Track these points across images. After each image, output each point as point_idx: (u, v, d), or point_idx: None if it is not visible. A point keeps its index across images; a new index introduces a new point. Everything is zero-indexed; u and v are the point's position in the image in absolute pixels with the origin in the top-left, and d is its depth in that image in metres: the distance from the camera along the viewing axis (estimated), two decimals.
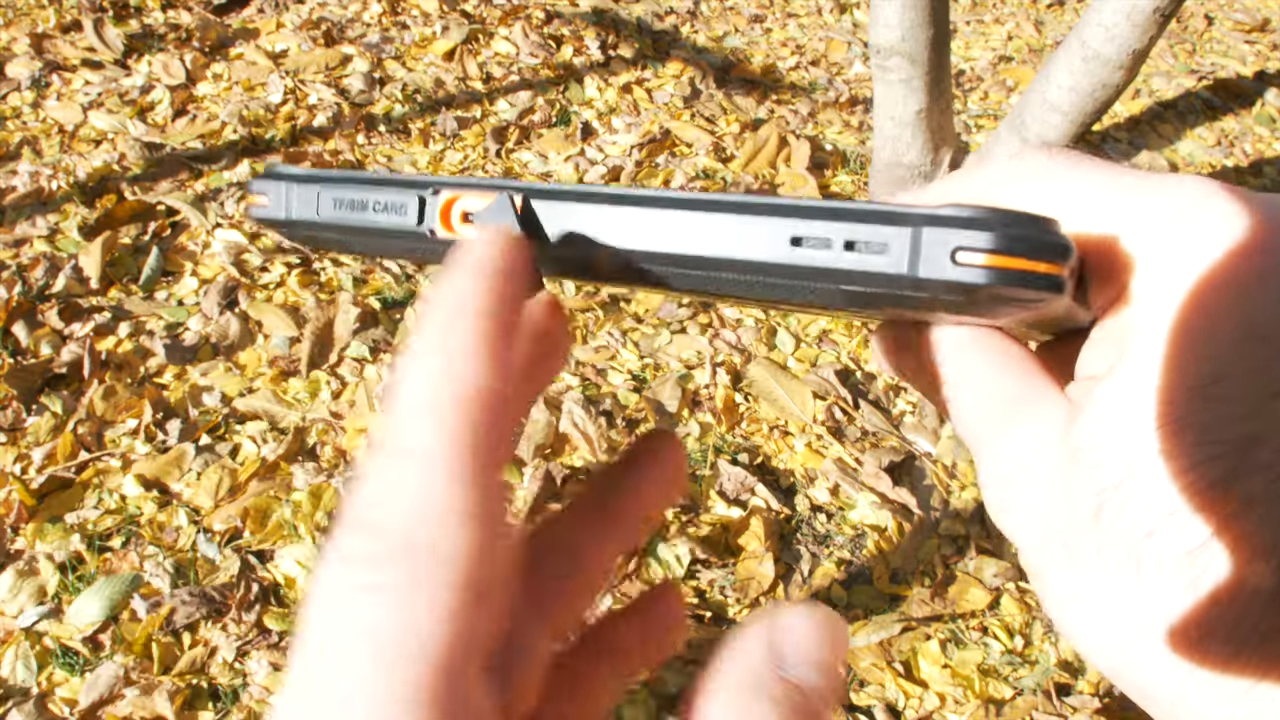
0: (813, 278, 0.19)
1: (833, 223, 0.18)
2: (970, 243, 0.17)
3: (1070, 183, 0.20)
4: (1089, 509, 0.18)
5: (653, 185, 0.34)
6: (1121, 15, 1.73)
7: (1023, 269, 0.17)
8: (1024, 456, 0.20)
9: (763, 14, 2.97)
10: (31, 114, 2.06)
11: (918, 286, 0.18)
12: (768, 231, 0.19)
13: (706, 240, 0.20)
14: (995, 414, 0.21)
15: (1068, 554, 0.19)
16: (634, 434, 1.57)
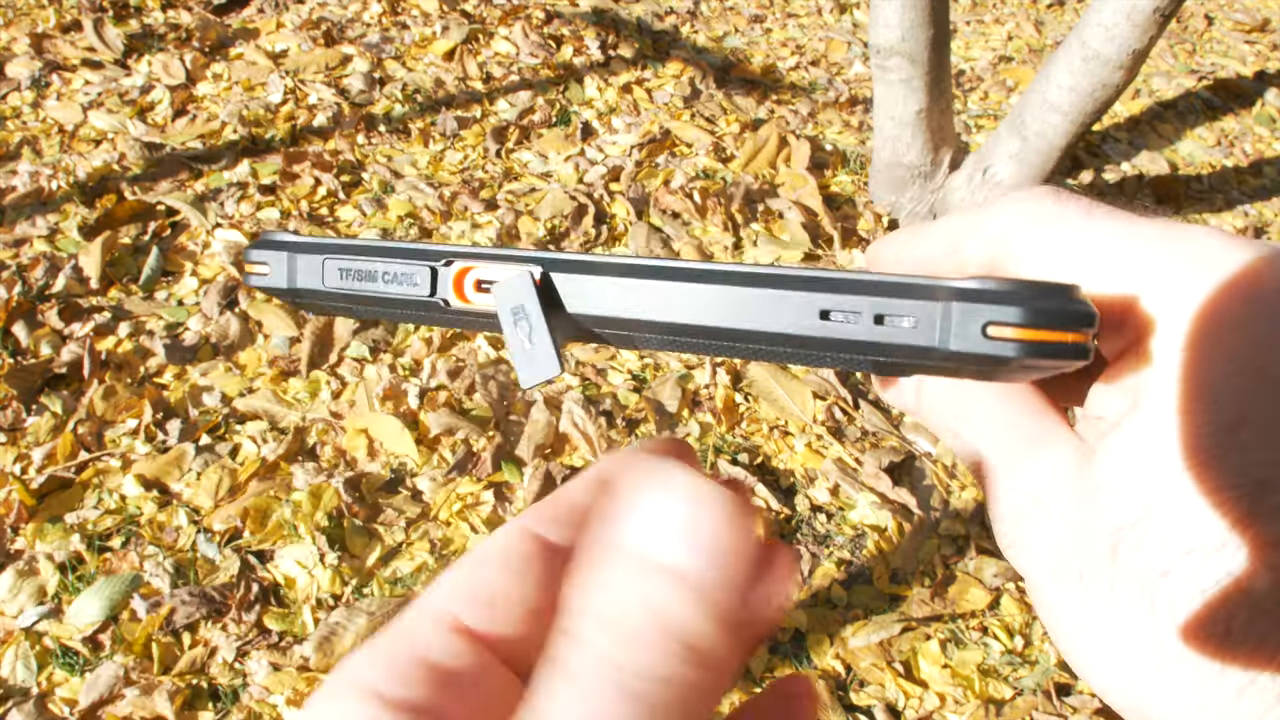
0: (841, 349, 0.19)
1: (862, 296, 0.19)
2: (1001, 317, 0.18)
3: (1083, 232, 0.20)
4: (1105, 546, 0.19)
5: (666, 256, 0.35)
6: (1121, 15, 1.73)
7: (1052, 340, 0.18)
8: (1038, 492, 0.21)
9: (763, 14, 2.97)
10: (31, 114, 2.06)
11: (948, 359, 0.18)
12: (796, 305, 0.19)
13: (734, 313, 0.20)
14: (1006, 449, 0.22)
15: (1081, 588, 0.19)
16: (633, 434, 1.57)
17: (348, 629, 1.26)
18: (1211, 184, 2.47)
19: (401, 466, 1.48)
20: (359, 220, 1.93)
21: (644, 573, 0.15)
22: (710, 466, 1.53)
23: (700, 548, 0.15)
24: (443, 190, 2.02)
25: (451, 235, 1.91)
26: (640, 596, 0.15)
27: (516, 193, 2.05)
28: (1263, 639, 0.17)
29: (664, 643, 0.15)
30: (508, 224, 1.94)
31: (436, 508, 1.43)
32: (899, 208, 2.11)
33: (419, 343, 1.67)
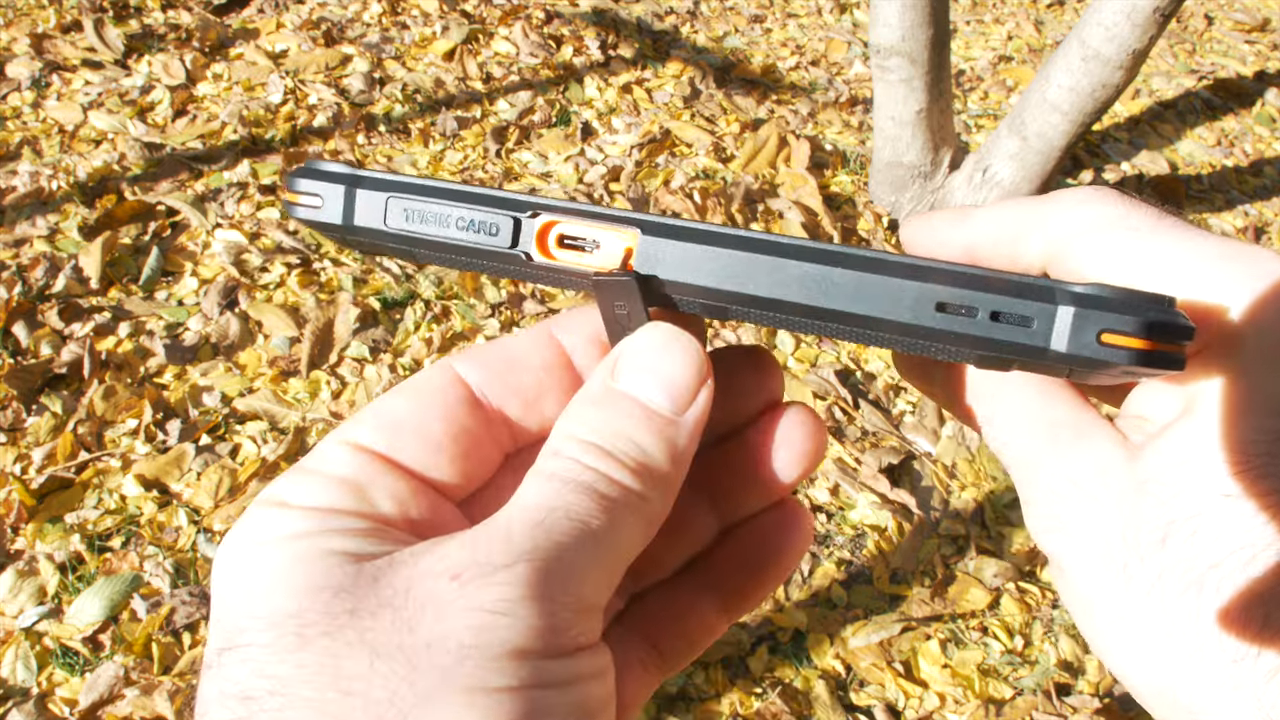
0: (953, 341, 0.20)
1: (981, 293, 0.19)
2: (1116, 325, 0.18)
3: (1152, 242, 0.21)
4: (1155, 537, 0.20)
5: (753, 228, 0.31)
6: (1121, 15, 1.73)
7: (1157, 350, 0.18)
8: (1081, 480, 0.21)
9: (763, 14, 2.97)
10: (31, 114, 2.06)
11: (1058, 359, 0.19)
12: (915, 296, 0.19)
13: (850, 297, 0.20)
14: (1044, 437, 0.22)
15: (1126, 576, 0.20)
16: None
17: None
18: (1211, 184, 2.47)
19: None
20: None
21: (618, 403, 0.20)
22: None
23: (666, 391, 0.20)
24: None
25: None
26: (613, 423, 0.20)
27: None
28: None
29: (625, 459, 0.20)
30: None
31: None
32: (899, 208, 2.11)
33: (419, 343, 1.67)
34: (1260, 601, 0.18)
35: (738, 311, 0.21)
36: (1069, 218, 0.22)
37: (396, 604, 0.18)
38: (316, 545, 0.19)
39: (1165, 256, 0.21)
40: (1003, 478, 1.59)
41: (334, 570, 0.18)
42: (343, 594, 0.18)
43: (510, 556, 0.18)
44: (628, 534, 0.19)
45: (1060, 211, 0.22)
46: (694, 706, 1.25)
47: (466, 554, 0.18)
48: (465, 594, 0.18)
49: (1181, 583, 0.19)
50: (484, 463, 0.23)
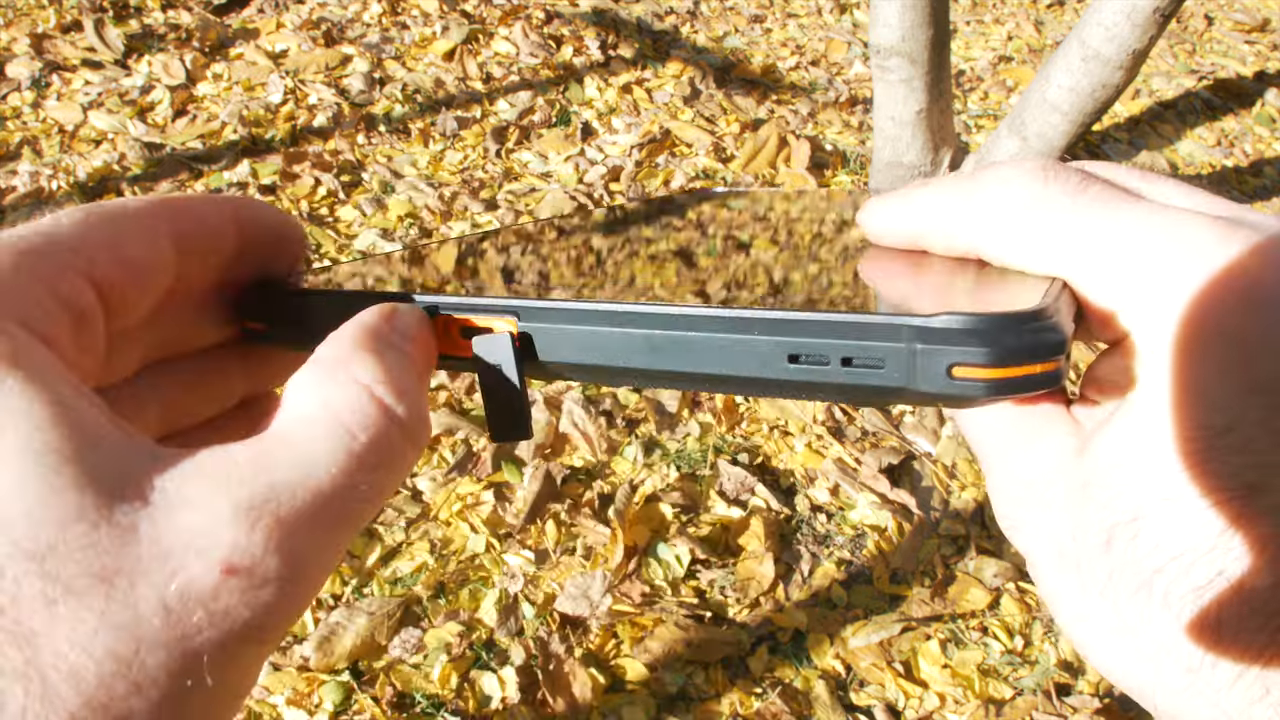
0: (813, 390, 0.19)
1: (828, 340, 0.18)
2: (964, 358, 0.17)
3: (1070, 219, 0.20)
4: (1099, 540, 0.19)
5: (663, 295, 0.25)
6: (1121, 15, 1.73)
7: (1019, 375, 0.17)
8: (1034, 478, 0.21)
9: (763, 14, 2.97)
10: (31, 114, 2.06)
11: (921, 398, 0.18)
12: (765, 350, 0.19)
13: (702, 359, 0.20)
14: (1003, 432, 0.22)
15: (1079, 577, 0.19)
16: (632, 433, 1.57)
17: (348, 629, 1.26)
18: (1211, 184, 2.47)
19: None
20: (359, 220, 1.93)
21: (353, 386, 0.19)
22: (710, 466, 1.53)
23: (394, 391, 0.19)
24: (443, 190, 2.02)
25: (452, 235, 1.91)
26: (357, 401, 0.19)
27: (516, 193, 2.05)
28: (1253, 635, 0.17)
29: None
30: (507, 224, 1.94)
31: (436, 508, 1.43)
32: None
33: None
34: (1210, 609, 0.17)
35: (612, 380, 0.22)
36: (989, 201, 0.21)
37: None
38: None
39: (1084, 233, 0.19)
40: None
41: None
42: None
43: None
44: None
45: (982, 195, 0.21)
46: (694, 706, 1.25)
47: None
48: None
49: (1130, 586, 0.18)
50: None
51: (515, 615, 1.31)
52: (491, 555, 1.38)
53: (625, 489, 1.47)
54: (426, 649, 1.26)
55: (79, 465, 0.15)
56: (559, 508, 1.44)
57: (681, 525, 1.44)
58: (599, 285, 0.25)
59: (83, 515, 0.14)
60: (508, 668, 1.24)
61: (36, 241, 0.18)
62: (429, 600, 1.32)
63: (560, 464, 1.50)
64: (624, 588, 1.35)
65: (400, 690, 1.22)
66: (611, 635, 1.31)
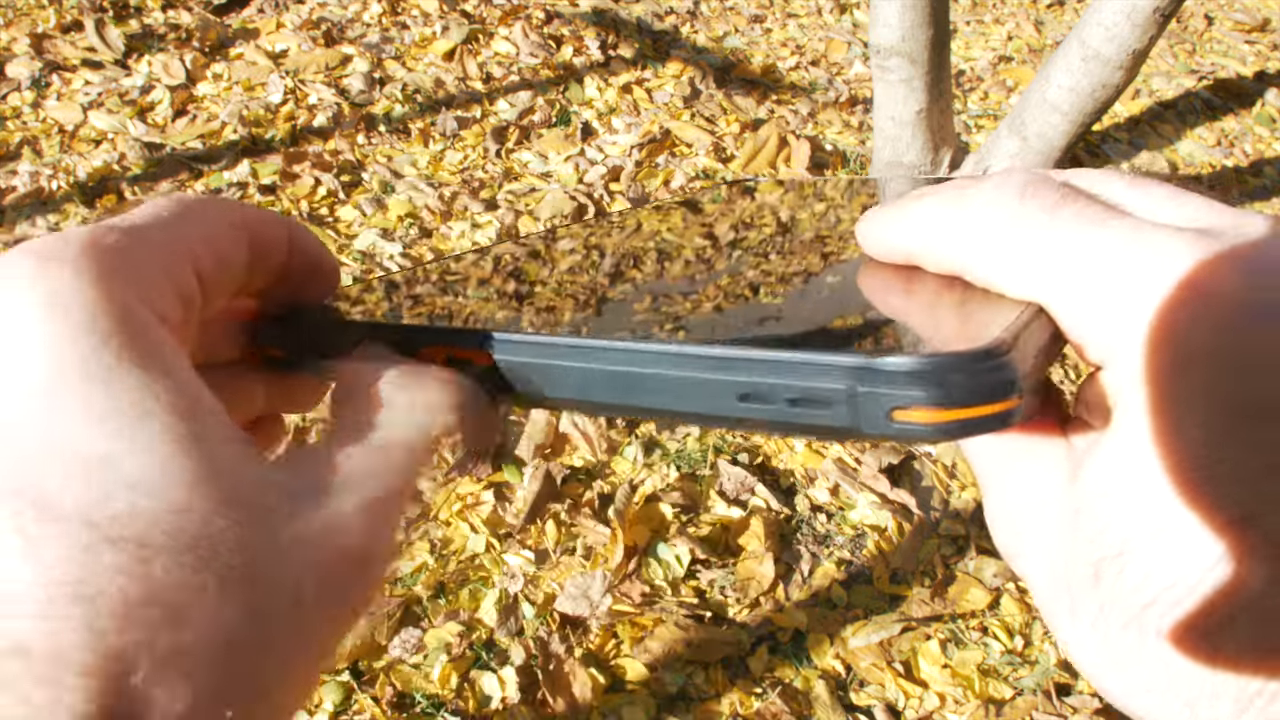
0: (767, 427, 0.19)
1: (776, 380, 0.18)
2: (905, 401, 0.17)
3: (1046, 237, 0.19)
4: (1088, 572, 0.18)
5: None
6: (1121, 15, 1.73)
7: (966, 418, 0.17)
8: (1028, 504, 0.20)
9: (763, 14, 2.97)
10: (31, 114, 2.06)
11: (867, 437, 0.18)
12: (715, 389, 0.19)
13: (659, 395, 0.20)
14: (998, 456, 0.21)
15: (1072, 605, 0.19)
16: (632, 433, 1.57)
17: None
18: (1211, 184, 2.47)
19: None
20: (359, 220, 1.93)
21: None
22: (710, 466, 1.53)
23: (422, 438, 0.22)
24: (443, 190, 2.02)
25: (452, 235, 1.92)
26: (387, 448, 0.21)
27: (516, 193, 2.05)
28: (1256, 664, 0.17)
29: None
30: (508, 224, 1.94)
31: (436, 508, 1.43)
32: None
33: None
34: (1202, 641, 0.17)
35: (585, 411, 0.22)
36: (971, 219, 0.20)
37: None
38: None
39: (1056, 257, 0.19)
40: None
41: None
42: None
43: None
44: None
45: (966, 212, 0.20)
46: (694, 706, 1.25)
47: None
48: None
49: (1119, 620, 0.18)
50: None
51: (515, 615, 1.31)
52: (491, 555, 1.38)
53: (625, 489, 1.47)
54: (426, 649, 1.26)
55: (213, 458, 0.16)
56: (559, 508, 1.44)
57: (681, 525, 1.44)
58: (585, 307, 0.25)
59: (228, 504, 0.16)
60: (508, 668, 1.24)
61: (149, 228, 0.19)
62: (429, 600, 1.32)
63: (560, 464, 1.50)
64: (624, 588, 1.35)
65: (400, 690, 1.22)
66: (611, 635, 1.31)
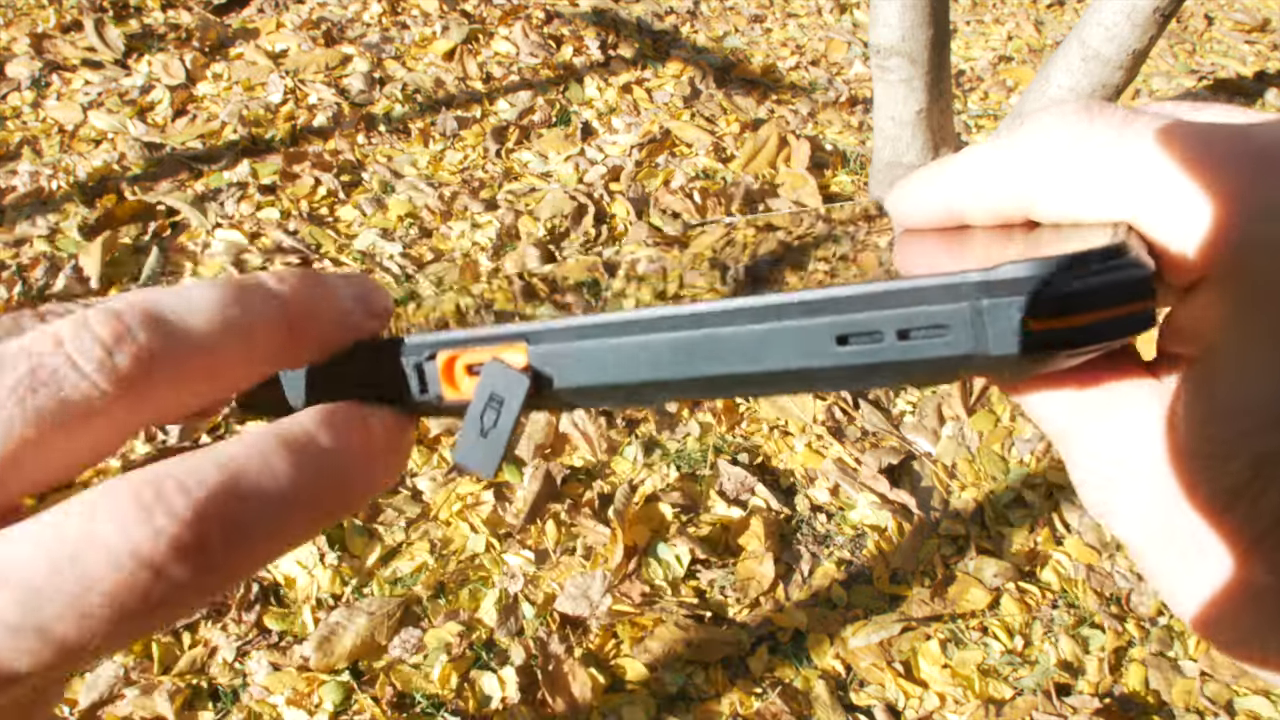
0: (867, 375, 0.17)
1: (879, 311, 0.16)
2: (1042, 308, 0.15)
3: (1119, 157, 0.17)
4: (1215, 509, 0.17)
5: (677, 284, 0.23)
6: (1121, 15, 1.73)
7: (1105, 319, 0.15)
8: (1122, 454, 0.18)
9: (763, 14, 2.97)
10: (31, 114, 2.06)
11: (993, 364, 0.16)
12: (809, 336, 0.17)
13: (738, 357, 0.17)
14: (1078, 409, 0.19)
15: (1196, 556, 0.17)
16: (632, 433, 1.57)
17: (348, 629, 1.26)
18: None
19: None
20: (359, 220, 1.93)
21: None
22: (710, 466, 1.53)
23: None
24: (443, 190, 2.02)
25: (451, 235, 1.92)
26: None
27: (516, 193, 2.05)
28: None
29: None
30: (508, 224, 1.94)
31: (436, 508, 1.43)
32: None
33: None
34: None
35: (641, 398, 0.19)
36: (1030, 152, 0.18)
37: None
38: None
39: (1138, 170, 0.17)
40: (1003, 478, 1.59)
41: None
42: None
43: None
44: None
45: (1020, 149, 0.19)
46: (694, 706, 1.25)
47: None
48: None
49: (1263, 552, 0.16)
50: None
51: (515, 615, 1.31)
52: (491, 555, 1.38)
53: (625, 489, 1.47)
54: (426, 649, 1.26)
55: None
56: (559, 508, 1.44)
57: (681, 525, 1.44)
58: (616, 308, 0.22)
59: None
60: (508, 668, 1.24)
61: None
62: (429, 600, 1.32)
63: (560, 464, 1.50)
64: (624, 588, 1.35)
65: (400, 690, 1.22)
66: (611, 635, 1.31)
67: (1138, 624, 1.41)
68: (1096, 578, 1.46)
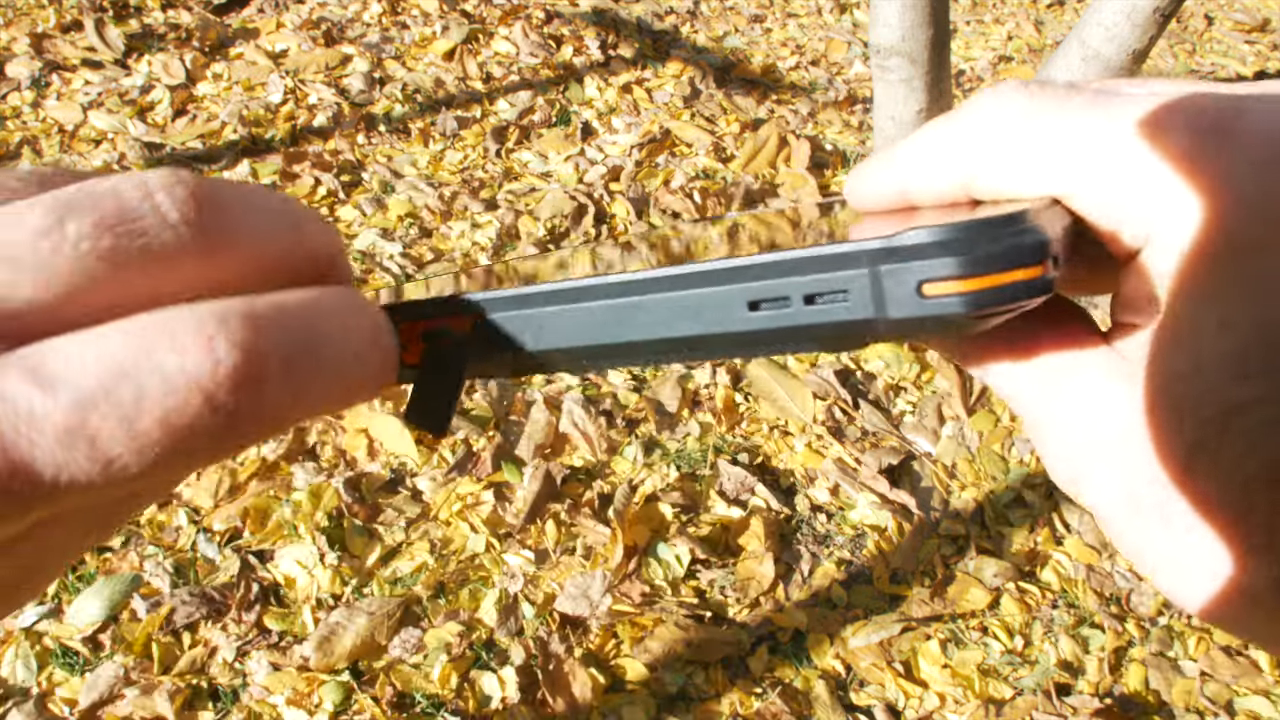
0: (781, 338, 0.18)
1: (787, 278, 0.17)
2: (934, 272, 0.16)
3: (1060, 129, 0.18)
4: (1179, 469, 0.17)
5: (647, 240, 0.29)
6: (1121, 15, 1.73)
7: (1000, 284, 0.16)
8: (1084, 425, 0.19)
9: (763, 14, 2.97)
10: (31, 114, 2.06)
11: (894, 327, 0.17)
12: (721, 301, 0.18)
13: (661, 323, 0.18)
14: (1041, 382, 0.20)
15: (1162, 520, 0.18)
16: (633, 434, 1.57)
17: (348, 629, 1.26)
18: None
19: (402, 466, 1.48)
20: (359, 220, 1.93)
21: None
22: (710, 466, 1.53)
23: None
24: (443, 190, 2.02)
25: (451, 235, 1.92)
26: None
27: (516, 193, 2.05)
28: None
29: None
30: (508, 224, 1.94)
31: (436, 508, 1.43)
32: None
33: None
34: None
35: (578, 363, 0.20)
36: (969, 130, 0.19)
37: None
38: None
39: (1073, 145, 0.18)
40: (1002, 477, 1.59)
41: None
42: None
43: None
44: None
45: (962, 126, 0.19)
46: (694, 706, 1.25)
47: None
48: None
49: (1226, 513, 0.17)
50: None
51: (515, 615, 1.31)
52: (491, 555, 1.38)
53: (625, 489, 1.47)
54: (426, 649, 1.26)
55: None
56: (559, 508, 1.44)
57: (681, 525, 1.44)
58: (563, 269, 0.23)
59: None
60: (508, 668, 1.24)
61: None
62: (429, 600, 1.32)
63: (560, 464, 1.50)
64: (624, 588, 1.35)
65: (400, 690, 1.22)
66: (611, 635, 1.31)
67: (1138, 624, 1.41)
68: (1096, 577, 1.46)
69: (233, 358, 0.14)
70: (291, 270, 0.17)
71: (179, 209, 0.15)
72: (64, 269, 0.14)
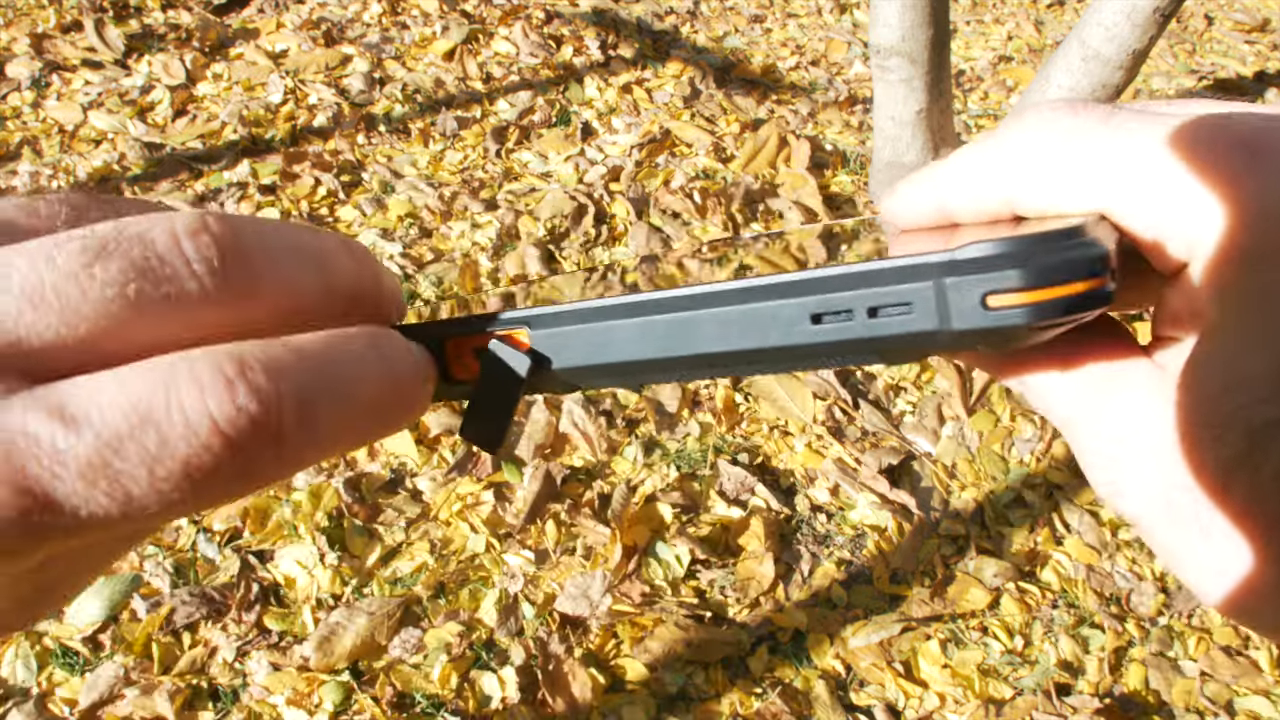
0: (842, 350, 0.18)
1: (850, 291, 0.18)
2: (998, 284, 0.16)
3: (1105, 148, 0.18)
4: (1218, 483, 0.17)
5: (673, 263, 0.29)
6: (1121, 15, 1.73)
7: (1062, 296, 0.16)
8: (1125, 434, 0.19)
9: (763, 14, 2.97)
10: (31, 114, 2.06)
11: (955, 339, 0.17)
12: (785, 315, 0.18)
13: (721, 337, 0.19)
14: (1082, 392, 0.20)
15: (1200, 529, 0.18)
16: (633, 434, 1.57)
17: (348, 629, 1.26)
18: None
19: (401, 466, 1.48)
20: (359, 220, 1.93)
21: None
22: (710, 466, 1.53)
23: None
24: (443, 190, 2.02)
25: (452, 235, 1.92)
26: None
27: (516, 193, 2.05)
28: None
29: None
30: (508, 224, 1.94)
31: (436, 508, 1.43)
32: None
33: None
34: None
35: (633, 377, 0.20)
36: (1013, 149, 0.20)
37: None
38: None
39: (1117, 162, 0.18)
40: (1002, 477, 1.59)
41: None
42: None
43: None
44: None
45: (1005, 145, 0.20)
46: (694, 706, 1.25)
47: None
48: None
49: (1261, 526, 0.17)
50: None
51: (515, 615, 1.31)
52: (491, 555, 1.38)
53: (625, 489, 1.47)
54: (426, 649, 1.26)
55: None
56: (559, 508, 1.44)
57: (681, 525, 1.44)
58: (615, 286, 0.24)
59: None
60: (508, 668, 1.25)
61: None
62: (429, 600, 1.32)
63: (560, 464, 1.50)
64: (624, 588, 1.35)
65: (400, 690, 1.22)
66: (611, 635, 1.31)
67: (1138, 624, 1.41)
68: (1096, 578, 1.46)
69: (253, 403, 0.14)
70: (322, 309, 0.18)
71: (203, 259, 0.15)
72: (89, 312, 0.14)
